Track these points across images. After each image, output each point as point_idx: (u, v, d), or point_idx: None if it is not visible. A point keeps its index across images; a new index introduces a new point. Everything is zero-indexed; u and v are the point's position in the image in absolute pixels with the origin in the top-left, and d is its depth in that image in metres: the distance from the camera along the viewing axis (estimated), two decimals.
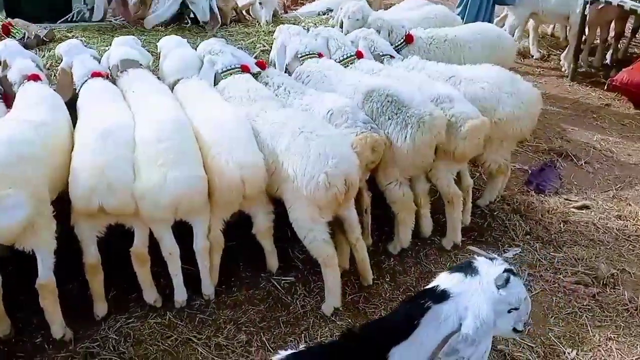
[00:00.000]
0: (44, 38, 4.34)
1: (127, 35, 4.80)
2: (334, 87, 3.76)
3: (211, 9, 5.11)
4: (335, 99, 3.51)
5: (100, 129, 3.05)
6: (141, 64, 3.79)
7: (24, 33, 4.31)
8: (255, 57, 4.52)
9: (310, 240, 3.18)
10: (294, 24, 5.34)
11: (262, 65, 3.96)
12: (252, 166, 3.09)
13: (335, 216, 3.24)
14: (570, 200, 4.62)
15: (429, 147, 3.45)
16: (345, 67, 4.08)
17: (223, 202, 3.16)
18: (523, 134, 4.03)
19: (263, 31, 5.04)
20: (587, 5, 6.71)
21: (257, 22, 5.43)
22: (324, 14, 5.75)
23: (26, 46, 4.25)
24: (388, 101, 3.47)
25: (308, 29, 4.50)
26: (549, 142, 5.63)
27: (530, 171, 5.01)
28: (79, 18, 5.10)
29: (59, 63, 3.90)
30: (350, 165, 3.06)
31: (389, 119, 3.45)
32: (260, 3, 5.40)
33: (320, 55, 4.09)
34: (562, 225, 4.25)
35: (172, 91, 3.75)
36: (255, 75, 3.89)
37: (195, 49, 4.08)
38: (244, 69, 3.86)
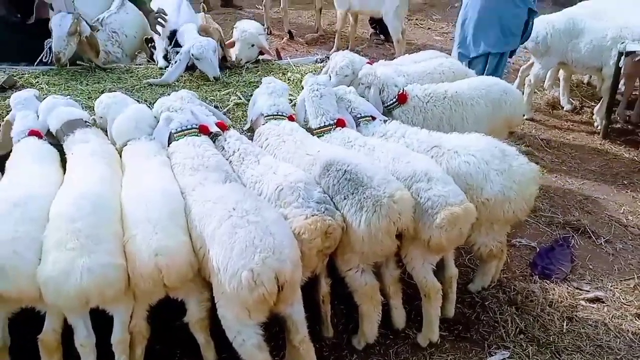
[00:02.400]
0: (3, 85, 4.09)
1: (100, 79, 4.59)
2: (291, 156, 3.30)
3: None
4: (288, 173, 3.03)
5: (2, 202, 2.71)
6: (87, 121, 3.46)
7: None
8: (227, 112, 4.16)
9: (238, 343, 2.69)
10: (283, 74, 4.99)
11: (222, 126, 3.54)
12: (170, 253, 2.63)
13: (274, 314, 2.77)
14: (580, 290, 3.94)
15: (387, 234, 2.90)
16: (319, 137, 3.61)
17: (139, 291, 2.73)
18: (517, 217, 3.44)
19: (244, 81, 4.66)
20: (622, 57, 6.05)
21: (244, 69, 5.02)
22: (321, 62, 5.30)
23: None
24: (346, 178, 2.97)
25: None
26: (566, 213, 4.91)
27: (537, 250, 4.37)
28: (51, 57, 4.68)
29: None
30: (284, 260, 2.55)
31: (344, 198, 2.95)
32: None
33: (290, 119, 3.64)
34: (565, 323, 3.58)
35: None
36: (215, 138, 3.50)
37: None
38: (202, 129, 3.47)
